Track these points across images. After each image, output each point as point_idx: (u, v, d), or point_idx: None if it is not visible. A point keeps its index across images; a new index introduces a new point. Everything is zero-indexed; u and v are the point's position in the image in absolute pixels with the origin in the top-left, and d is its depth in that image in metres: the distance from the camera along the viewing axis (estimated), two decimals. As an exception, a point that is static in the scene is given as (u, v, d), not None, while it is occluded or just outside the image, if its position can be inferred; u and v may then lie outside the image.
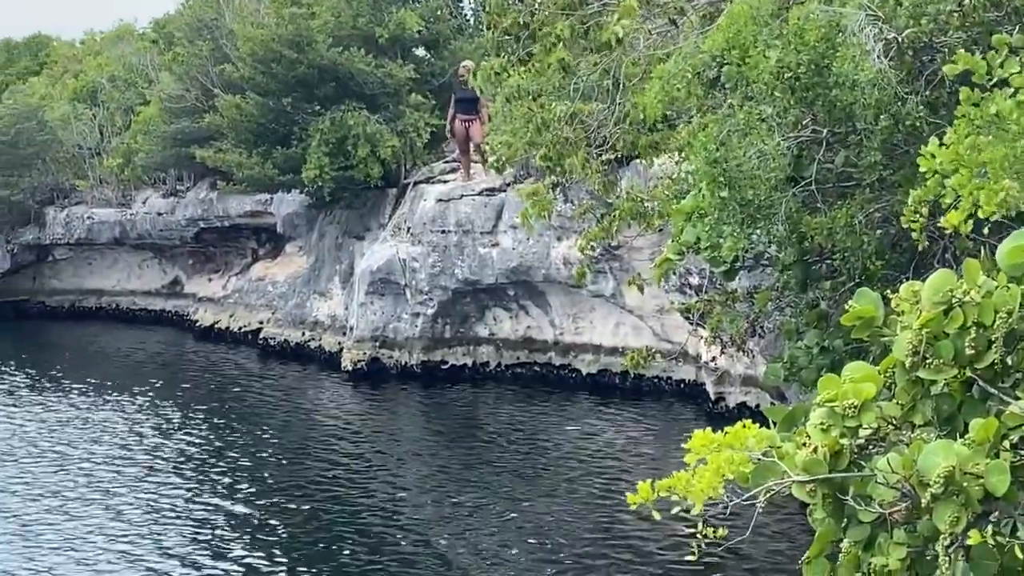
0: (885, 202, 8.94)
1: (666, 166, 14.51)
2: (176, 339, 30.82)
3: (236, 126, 26.41)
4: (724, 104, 9.37)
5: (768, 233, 9.37)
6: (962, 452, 4.30)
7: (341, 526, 16.02)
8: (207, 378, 26.03)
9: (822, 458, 4.59)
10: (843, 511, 4.70)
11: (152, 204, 32.40)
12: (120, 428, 21.61)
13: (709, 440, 4.67)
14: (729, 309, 12.84)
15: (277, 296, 28.93)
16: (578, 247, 17.19)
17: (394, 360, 24.56)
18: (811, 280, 10.34)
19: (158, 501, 17.28)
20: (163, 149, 30.68)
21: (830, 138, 9.07)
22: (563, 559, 14.70)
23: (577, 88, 12.32)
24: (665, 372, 22.12)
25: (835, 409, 4.63)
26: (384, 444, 20.53)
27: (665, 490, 4.61)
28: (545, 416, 21.63)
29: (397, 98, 25.59)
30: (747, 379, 19.59)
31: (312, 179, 24.75)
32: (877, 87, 8.12)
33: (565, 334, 23.79)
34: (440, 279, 24.04)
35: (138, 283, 34.28)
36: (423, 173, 25.75)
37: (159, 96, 30.99)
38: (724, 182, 8.74)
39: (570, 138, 12.54)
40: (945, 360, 4.57)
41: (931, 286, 4.58)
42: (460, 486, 17.68)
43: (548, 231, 22.06)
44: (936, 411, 4.73)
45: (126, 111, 33.85)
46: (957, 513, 4.27)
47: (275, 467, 18.91)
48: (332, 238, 27.33)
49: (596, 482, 17.53)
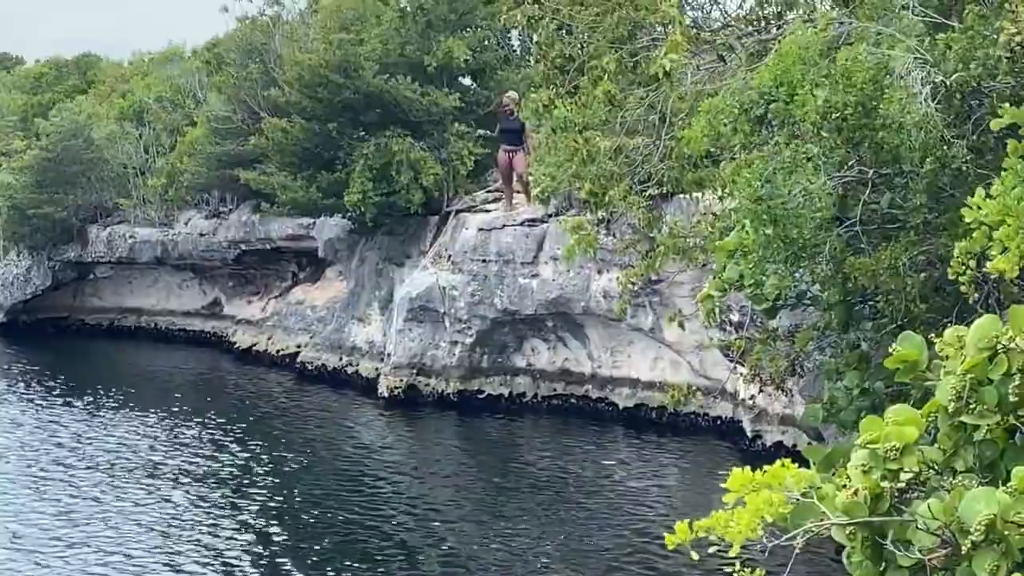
0: (930, 245, 8.91)
1: (710, 202, 14.52)
2: (214, 360, 30.94)
3: (281, 149, 26.57)
4: (770, 142, 9.37)
5: (812, 272, 9.36)
6: (1004, 500, 4.27)
7: (371, 553, 15.99)
8: (243, 400, 26.11)
9: (862, 501, 4.56)
10: (882, 555, 4.67)
11: (194, 225, 32.60)
12: (154, 446, 21.68)
13: (748, 480, 4.65)
14: (769, 347, 12.81)
15: (316, 320, 29.02)
16: (619, 282, 17.22)
17: (431, 388, 24.57)
18: (853, 321, 10.31)
19: (187, 518, 17.31)
20: (208, 170, 30.90)
21: (876, 179, 9.05)
22: (594, 593, 14.63)
23: (623, 122, 12.35)
24: (702, 408, 22.02)
25: (877, 451, 4.61)
26: (418, 472, 20.51)
27: (704, 530, 4.60)
28: (580, 449, 21.57)
29: (442, 126, 25.69)
30: (785, 418, 19.48)
31: (355, 203, 24.86)
32: (923, 130, 8.10)
33: (603, 367, 23.74)
34: (479, 308, 24.05)
35: (177, 303, 34.47)
36: (465, 202, 25.82)
37: (206, 117, 31.22)
38: (768, 220, 8.74)
39: (615, 172, 12.56)
40: (989, 406, 4.54)
41: (976, 331, 4.56)
42: (493, 516, 17.64)
43: (589, 264, 22.04)
44: (978, 457, 4.70)
45: (172, 132, 34.12)
46: (997, 561, 4.23)
47: (307, 491, 18.91)
48: (372, 264, 27.41)
49: (630, 517, 17.45)
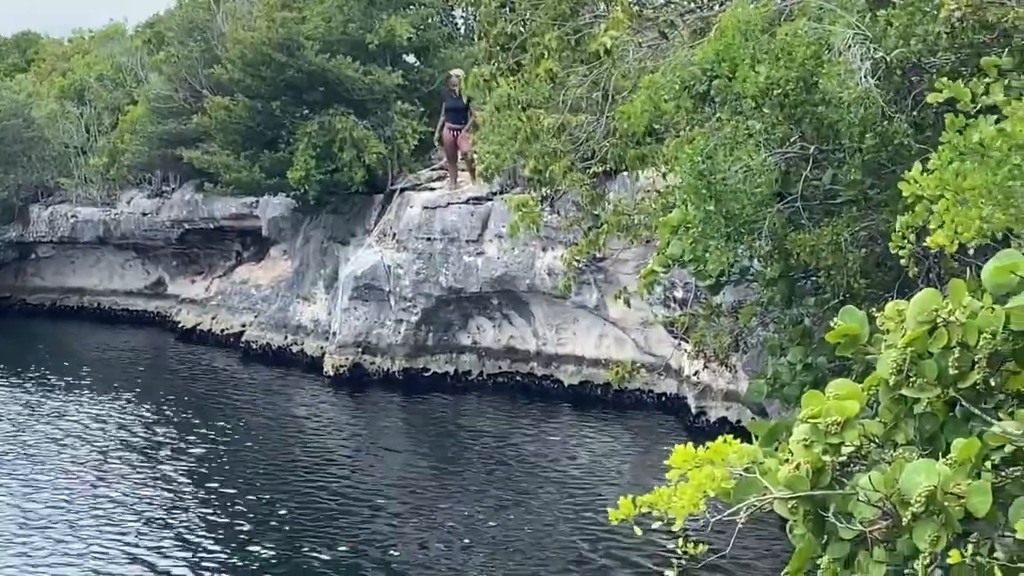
0: (870, 221, 8.96)
1: (653, 179, 14.53)
2: (157, 340, 30.73)
3: (224, 128, 26.37)
4: (712, 118, 9.38)
5: (753, 248, 9.39)
6: (944, 472, 4.30)
7: (315, 530, 15.96)
8: (187, 380, 25.96)
9: (804, 475, 4.58)
10: (824, 528, 4.70)
11: (137, 204, 32.32)
12: (97, 427, 21.51)
13: (690, 456, 4.66)
14: (713, 323, 12.86)
15: (260, 299, 28.88)
16: (563, 260, 17.22)
17: (376, 366, 24.53)
18: (796, 296, 10.37)
19: (131, 498, 17.20)
20: (150, 149, 30.61)
21: (817, 155, 9.09)
22: (540, 571, 14.67)
23: (566, 99, 12.33)
24: (647, 385, 22.11)
25: (818, 426, 4.63)
26: (363, 450, 20.48)
27: (647, 505, 4.60)
28: (526, 426, 21.61)
29: (385, 104, 25.58)
30: (729, 394, 19.60)
31: (299, 181, 24.74)
32: (863, 106, 8.13)
33: (548, 345, 23.78)
34: (424, 286, 24.02)
35: (120, 283, 34.18)
36: (410, 180, 25.75)
37: (147, 96, 30.92)
38: (710, 196, 8.75)
39: (558, 150, 12.55)
40: (929, 379, 4.56)
41: (916, 305, 4.58)
42: (438, 494, 17.65)
43: (534, 241, 22.05)
44: (919, 430, 4.73)
45: (113, 111, 33.77)
46: (937, 533, 4.26)
47: (252, 470, 18.84)
48: (317, 243, 27.29)
49: (575, 494, 17.50)
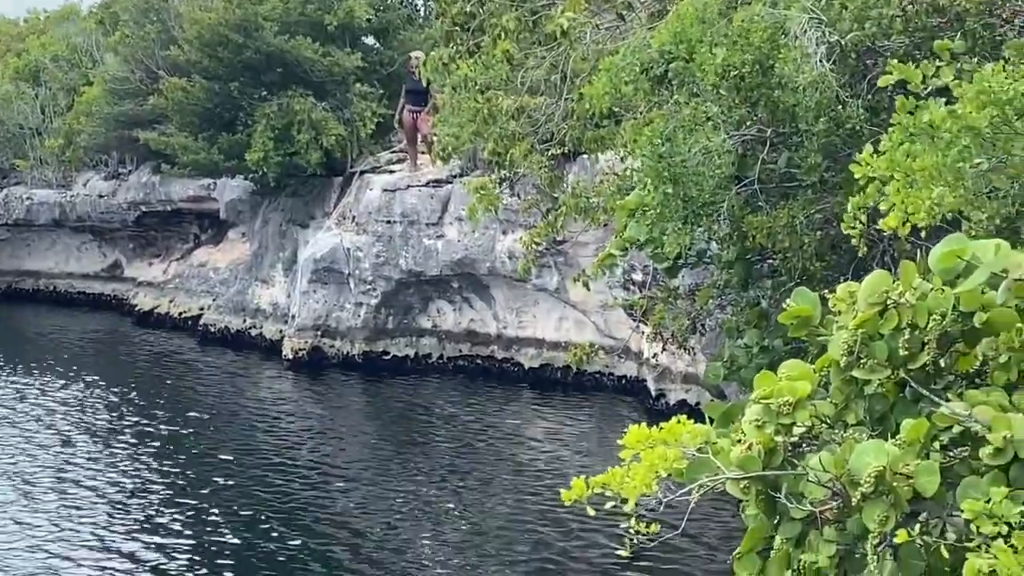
0: (826, 204, 9.01)
1: (612, 162, 14.55)
2: (114, 324, 30.54)
3: (181, 109, 26.21)
4: (670, 101, 9.41)
5: (711, 231, 9.43)
6: (893, 452, 4.34)
7: (274, 514, 15.94)
8: (145, 364, 25.83)
9: (756, 455, 4.62)
10: (775, 508, 4.73)
11: (93, 186, 32.10)
12: (54, 411, 21.39)
13: (644, 436, 4.68)
14: (671, 306, 12.88)
15: (218, 282, 28.76)
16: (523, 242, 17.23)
17: (335, 350, 24.48)
18: (752, 279, 10.41)
19: (89, 484, 17.13)
20: (106, 131, 30.38)
21: (774, 138, 9.13)
22: (498, 551, 14.71)
23: (524, 81, 12.32)
24: (607, 368, 22.17)
25: (770, 406, 4.66)
26: (323, 433, 20.45)
27: (600, 486, 4.63)
28: (486, 409, 21.63)
29: (344, 86, 25.50)
30: (688, 376, 19.68)
31: (257, 162, 24.61)
32: (818, 89, 8.18)
33: (508, 328, 23.80)
34: (384, 269, 23.98)
35: (77, 266, 33.95)
36: (369, 162, 25.69)
37: (103, 77, 30.68)
38: (668, 178, 8.78)
39: (516, 132, 12.54)
40: (879, 360, 4.60)
41: (867, 287, 4.62)
42: (397, 477, 17.65)
43: (494, 224, 22.05)
44: (869, 411, 4.77)
45: (69, 92, 33.49)
46: (886, 513, 4.30)
47: (211, 454, 18.78)
48: (276, 225, 27.19)
49: (534, 476, 17.55)
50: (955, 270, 4.42)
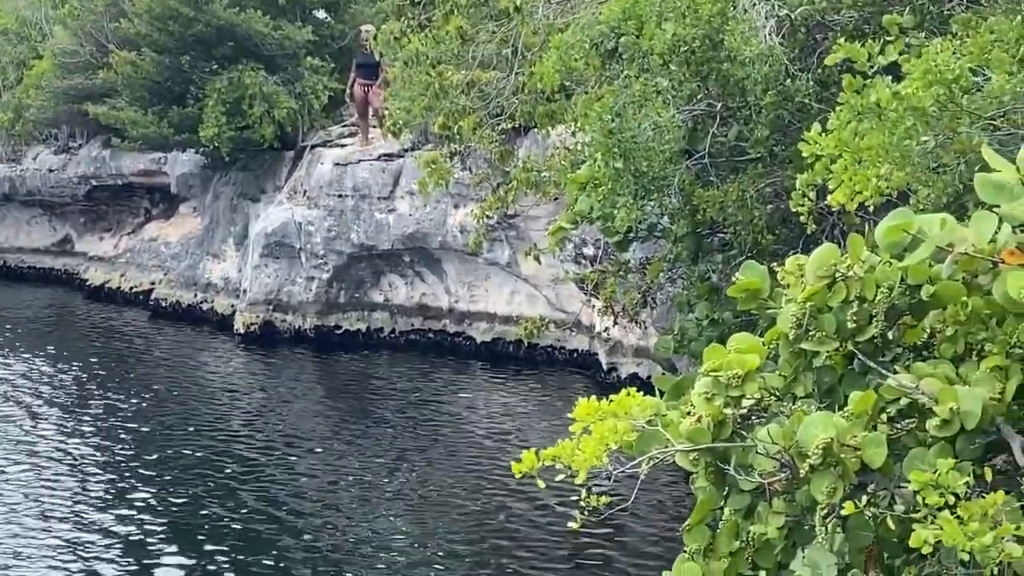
0: (776, 177, 9.06)
1: (563, 136, 14.56)
2: (65, 298, 30.30)
3: (131, 83, 25.98)
4: (621, 75, 9.41)
5: (661, 205, 9.45)
6: (840, 424, 4.37)
7: (226, 489, 15.89)
8: (96, 338, 25.64)
9: (705, 428, 4.64)
10: (725, 480, 4.77)
11: (43, 160, 31.78)
12: (3, 385, 21.22)
13: (594, 409, 4.70)
14: (622, 280, 12.93)
15: (170, 257, 28.58)
16: (473, 216, 17.22)
17: (287, 324, 24.41)
18: (703, 253, 10.45)
19: (36, 461, 17.01)
20: (55, 105, 30.07)
21: (724, 112, 9.16)
22: (451, 525, 14.74)
23: (476, 56, 12.30)
24: (559, 342, 22.22)
25: (719, 379, 4.69)
26: (274, 408, 20.40)
27: (550, 459, 4.64)
28: (438, 383, 21.64)
29: (296, 60, 25.34)
30: (640, 350, 19.74)
31: (208, 137, 24.44)
32: (766, 63, 8.20)
33: (460, 302, 23.79)
34: (336, 243, 23.91)
35: (27, 240, 33.63)
36: (320, 137, 25.56)
37: (52, 51, 30.34)
38: (619, 153, 8.79)
39: (467, 106, 12.52)
40: (827, 333, 4.63)
41: (815, 260, 4.64)
42: (350, 451, 17.64)
43: (445, 198, 22.02)
44: (817, 383, 4.80)
45: (18, 65, 33.10)
46: (834, 484, 4.34)
47: (162, 429, 18.69)
48: (227, 199, 27.04)
49: (486, 450, 17.59)
50: (901, 244, 4.44)
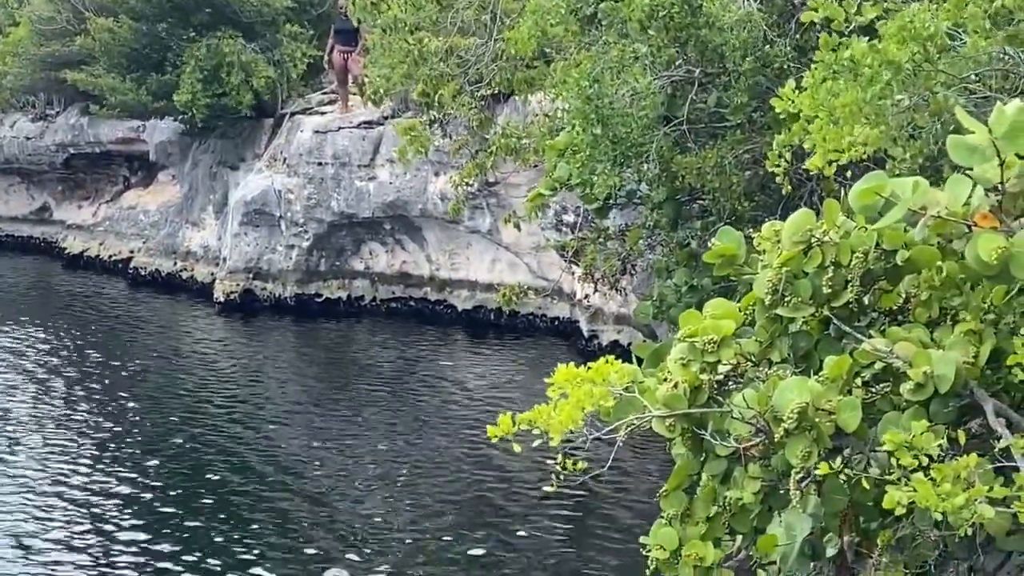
0: (754, 144, 9.06)
1: (543, 103, 14.53)
2: (43, 267, 30.17)
3: (109, 50, 25.84)
4: (599, 41, 9.39)
5: (639, 172, 9.45)
6: (815, 389, 4.39)
7: (207, 458, 15.90)
8: (75, 307, 25.55)
9: (682, 393, 4.66)
10: (701, 446, 4.79)
11: (20, 128, 31.56)
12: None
13: (572, 375, 4.71)
14: (602, 247, 12.94)
15: (149, 225, 28.47)
16: (452, 183, 17.19)
17: (267, 292, 24.36)
18: (681, 219, 10.46)
19: (14, 430, 16.99)
20: (32, 72, 29.86)
21: (703, 78, 9.15)
22: (430, 491, 14.77)
23: (454, 22, 12.26)
24: (540, 309, 22.23)
25: (695, 344, 4.70)
26: (255, 377, 20.38)
27: (526, 423, 4.65)
28: (419, 351, 21.64)
29: (274, 27, 25.23)
30: (620, 317, 19.76)
31: (185, 104, 24.33)
32: (745, 28, 8.19)
33: (441, 269, 23.77)
34: (316, 211, 23.84)
35: (4, 208, 33.42)
36: (300, 104, 25.46)
37: (29, 17, 30.13)
38: (597, 119, 8.77)
39: (446, 73, 12.49)
40: (803, 298, 4.65)
41: (791, 226, 4.65)
42: (331, 419, 17.66)
43: (426, 166, 21.97)
44: (793, 348, 4.82)
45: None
46: (809, 448, 4.36)
47: (142, 398, 18.68)
48: (206, 167, 26.92)
49: (466, 416, 17.62)
50: (875, 207, 4.45)
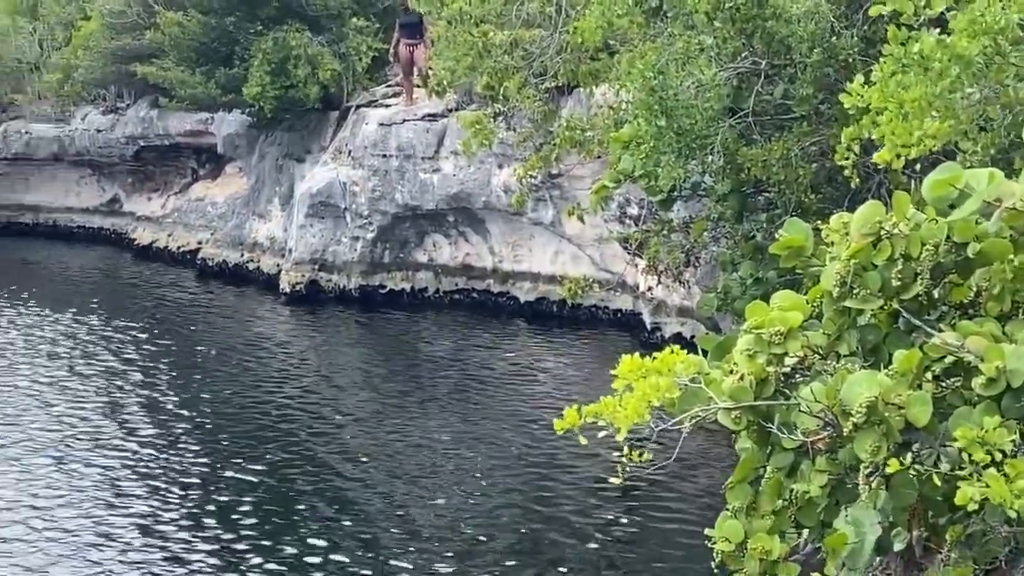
0: (821, 136, 8.98)
1: (607, 95, 14.50)
2: (113, 258, 30.52)
3: (178, 44, 26.09)
4: (664, 33, 9.36)
5: (704, 163, 9.41)
6: (885, 383, 4.34)
7: (273, 448, 16.00)
8: (144, 297, 25.82)
9: (748, 386, 4.62)
10: (767, 438, 4.75)
11: (91, 121, 31.94)
12: (54, 345, 21.42)
13: (637, 366, 4.68)
14: (666, 239, 12.90)
15: (216, 216, 28.72)
16: (516, 175, 17.20)
17: (332, 283, 24.49)
18: (747, 211, 10.41)
19: (90, 416, 17.19)
20: (104, 65, 30.21)
21: (769, 70, 9.08)
22: (493, 483, 14.79)
23: (519, 15, 12.25)
24: (603, 301, 22.19)
25: (762, 336, 4.66)
26: (320, 367, 20.50)
27: (592, 416, 4.63)
28: (482, 343, 21.67)
29: (340, 20, 25.35)
30: (683, 310, 19.67)
31: (253, 97, 24.52)
32: (812, 20, 8.13)
33: (504, 261, 23.78)
34: (380, 203, 23.93)
35: (76, 200, 33.85)
36: (365, 97, 25.56)
37: (101, 11, 30.47)
38: (661, 111, 8.74)
39: (511, 65, 12.49)
40: (872, 291, 4.60)
41: (860, 217, 4.60)
42: (394, 410, 17.72)
43: (489, 158, 21.98)
44: (861, 341, 4.77)
45: (67, 26, 33.25)
46: (878, 443, 4.32)
47: (209, 388, 18.84)
48: (272, 160, 27.11)
49: (529, 408, 17.62)
50: (948, 199, 4.40)
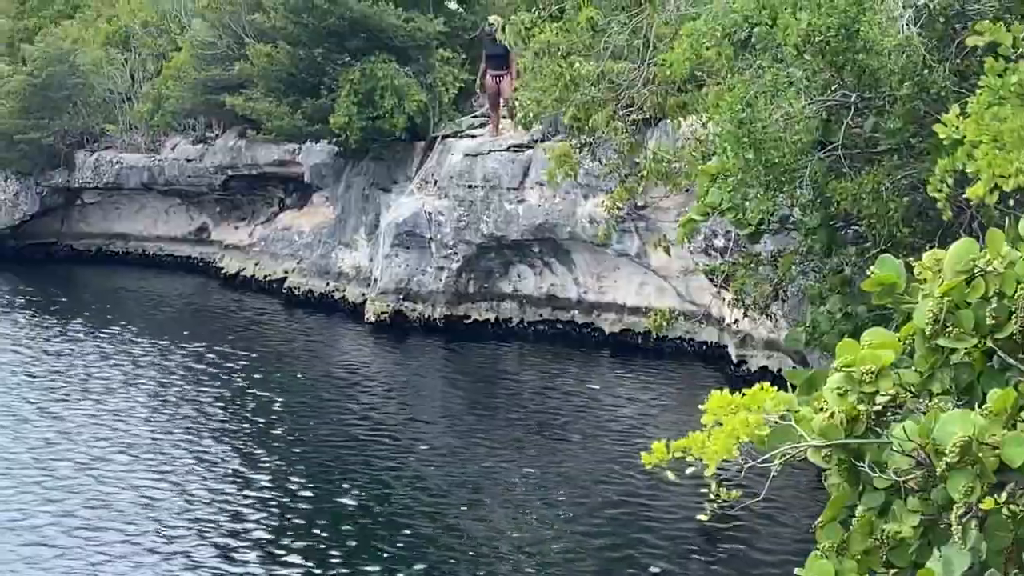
0: (912, 169, 8.90)
1: (694, 127, 14.47)
2: (201, 286, 30.92)
3: (266, 75, 26.44)
4: (753, 66, 9.33)
5: (793, 197, 9.35)
6: (979, 422, 4.29)
7: (356, 478, 16.08)
8: (231, 326, 26.11)
9: (839, 424, 4.58)
10: (858, 477, 4.69)
11: (181, 150, 32.42)
12: (143, 372, 21.70)
13: (726, 401, 4.65)
14: (753, 272, 12.83)
15: (303, 246, 28.98)
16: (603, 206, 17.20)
17: (417, 313, 24.60)
18: (836, 245, 10.32)
19: (177, 443, 17.38)
20: (193, 96, 30.67)
21: (859, 103, 9.02)
22: (578, 518, 14.75)
23: (606, 47, 12.28)
24: (688, 334, 22.10)
25: (852, 374, 4.62)
26: (405, 397, 20.59)
27: (680, 451, 4.61)
28: (566, 374, 21.65)
29: (427, 51, 25.54)
30: (770, 343, 19.54)
31: (340, 127, 24.77)
32: (904, 54, 8.06)
33: (589, 293, 23.77)
34: (465, 234, 24.03)
35: (165, 229, 34.35)
36: (451, 127, 25.72)
37: (191, 43, 30.96)
38: (749, 144, 8.70)
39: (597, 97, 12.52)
40: (965, 329, 4.54)
41: (954, 254, 4.56)
42: (478, 441, 17.74)
43: (575, 189, 22.00)
44: (955, 380, 4.71)
45: (157, 57, 33.81)
46: (972, 483, 4.25)
47: (294, 417, 18.98)
48: (359, 189, 27.34)
49: (614, 442, 17.55)
50: (1045, 237, 4.35)
